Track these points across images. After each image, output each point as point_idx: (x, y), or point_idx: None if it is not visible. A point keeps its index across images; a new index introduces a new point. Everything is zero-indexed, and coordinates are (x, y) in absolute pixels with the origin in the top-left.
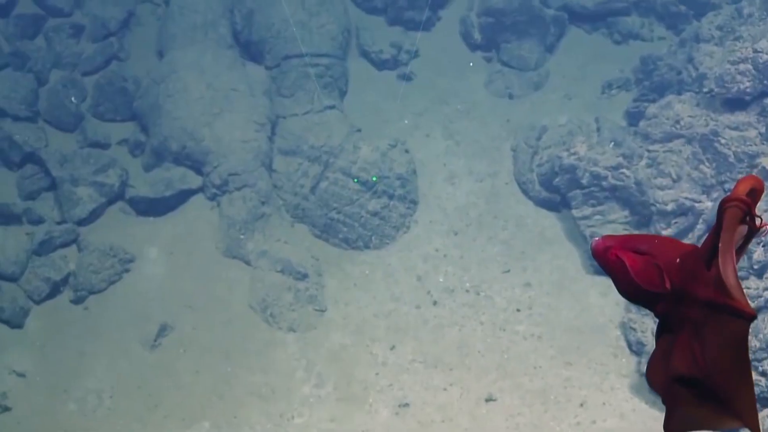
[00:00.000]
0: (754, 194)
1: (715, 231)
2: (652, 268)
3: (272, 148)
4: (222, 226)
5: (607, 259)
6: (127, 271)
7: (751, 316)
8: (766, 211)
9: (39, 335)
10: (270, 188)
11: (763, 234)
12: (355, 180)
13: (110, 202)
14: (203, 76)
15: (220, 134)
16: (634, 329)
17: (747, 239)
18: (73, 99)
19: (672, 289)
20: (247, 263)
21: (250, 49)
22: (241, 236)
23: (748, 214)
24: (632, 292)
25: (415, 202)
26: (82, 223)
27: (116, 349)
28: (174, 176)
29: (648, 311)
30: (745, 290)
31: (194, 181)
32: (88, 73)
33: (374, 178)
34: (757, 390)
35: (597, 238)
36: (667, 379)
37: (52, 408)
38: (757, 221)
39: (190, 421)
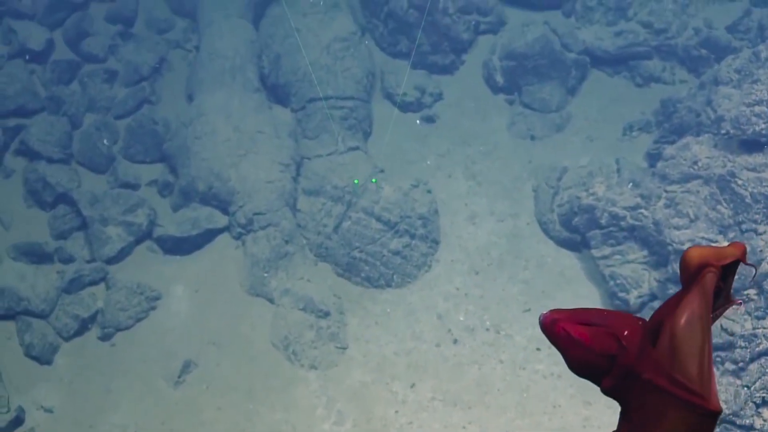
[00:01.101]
0: (734, 264)
1: (675, 301)
2: (606, 336)
3: (297, 189)
4: (246, 264)
5: (554, 332)
6: (153, 308)
7: (710, 412)
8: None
9: (67, 371)
10: (294, 227)
11: (736, 307)
12: (374, 180)
13: (138, 241)
14: (230, 119)
15: (245, 175)
16: None
17: (718, 310)
18: (105, 141)
19: (619, 364)
20: (271, 301)
21: (276, 92)
22: (265, 274)
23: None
24: (579, 365)
25: (436, 242)
26: (110, 261)
27: (141, 385)
28: (200, 216)
29: None
30: (761, 330)
31: (220, 220)
32: (120, 116)
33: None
34: None
35: (545, 312)
36: None
37: None
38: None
39: None
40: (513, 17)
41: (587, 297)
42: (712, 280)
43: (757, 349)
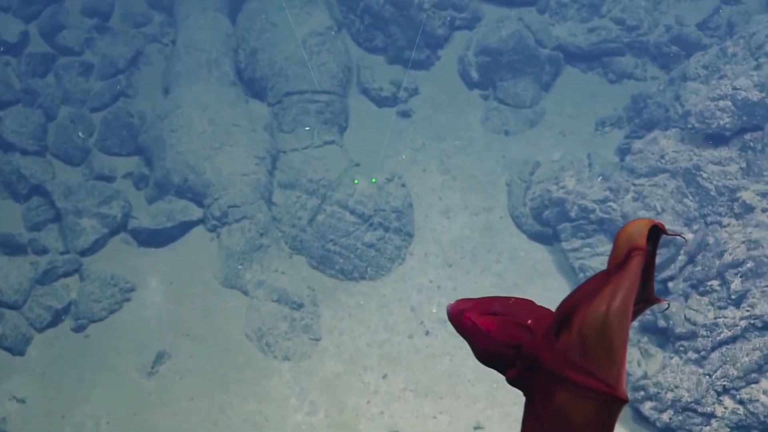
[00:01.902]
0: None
1: (586, 288)
2: (512, 326)
3: (272, 182)
4: (221, 256)
5: (461, 323)
6: (127, 300)
7: (615, 399)
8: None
9: (40, 362)
10: (269, 220)
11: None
12: (373, 180)
13: (113, 233)
14: (206, 112)
15: (221, 168)
16: None
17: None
18: (80, 134)
19: (524, 354)
20: (245, 293)
21: (252, 87)
22: (240, 267)
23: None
24: (485, 355)
25: (410, 235)
26: (84, 253)
27: (115, 376)
28: (175, 208)
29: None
30: (722, 319)
31: (195, 213)
32: (95, 109)
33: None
34: (735, 418)
35: (451, 302)
36: None
37: None
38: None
39: None
40: (489, 13)
41: (558, 289)
42: (638, 265)
43: (718, 338)
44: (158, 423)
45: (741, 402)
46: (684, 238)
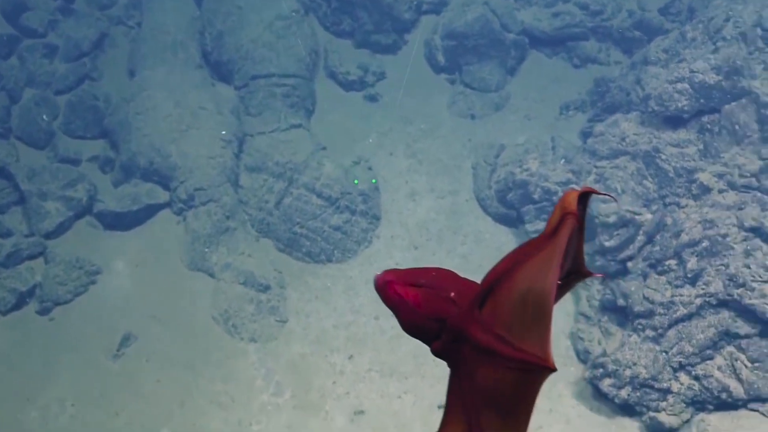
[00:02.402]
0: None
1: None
2: (436, 298)
3: (239, 165)
4: (187, 239)
5: (387, 294)
6: (93, 283)
7: (539, 368)
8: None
9: (4, 345)
10: (235, 203)
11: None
12: (373, 180)
13: (78, 216)
14: (172, 95)
15: (186, 150)
16: (582, 339)
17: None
18: (45, 117)
19: (448, 326)
20: (211, 276)
21: (219, 70)
22: (206, 249)
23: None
24: (411, 327)
25: (377, 218)
26: (49, 236)
27: (80, 358)
28: (141, 191)
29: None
30: (678, 297)
31: (161, 196)
32: (60, 92)
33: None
34: (690, 393)
35: (378, 273)
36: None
37: (14, 416)
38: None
39: (150, 429)
40: None
41: None
42: (568, 228)
43: (674, 316)
44: (125, 405)
45: (696, 378)
46: (613, 198)
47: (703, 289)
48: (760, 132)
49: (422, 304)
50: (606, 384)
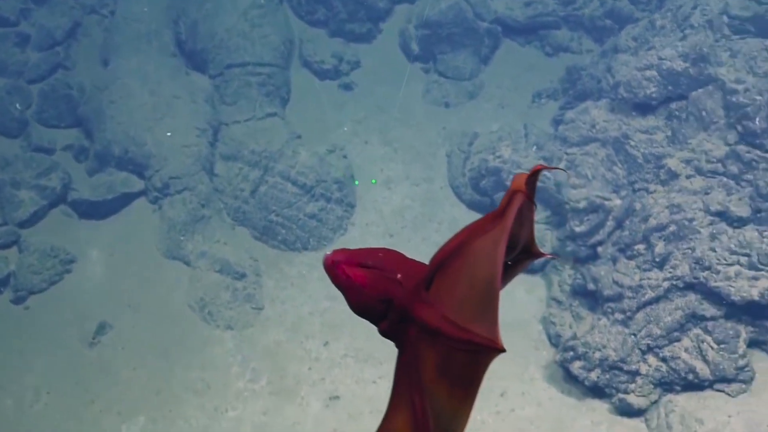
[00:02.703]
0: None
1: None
2: (383, 279)
3: (214, 153)
4: (163, 228)
5: (336, 274)
6: (68, 271)
7: (493, 349)
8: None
9: None
10: (211, 191)
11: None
12: (373, 181)
13: (52, 205)
14: (146, 84)
15: (161, 139)
16: (554, 323)
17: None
18: (17, 105)
19: (394, 307)
20: (187, 264)
21: (193, 59)
22: (182, 238)
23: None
24: (358, 307)
25: (352, 206)
26: (23, 225)
27: (55, 347)
28: (116, 180)
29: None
30: (647, 281)
31: (136, 184)
32: (33, 81)
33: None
34: (658, 375)
35: (328, 253)
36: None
37: None
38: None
39: (126, 416)
40: None
41: None
42: (516, 204)
43: (642, 299)
44: (100, 392)
45: (664, 359)
46: (564, 171)
47: (670, 272)
48: (726, 118)
49: (369, 284)
50: (576, 367)
